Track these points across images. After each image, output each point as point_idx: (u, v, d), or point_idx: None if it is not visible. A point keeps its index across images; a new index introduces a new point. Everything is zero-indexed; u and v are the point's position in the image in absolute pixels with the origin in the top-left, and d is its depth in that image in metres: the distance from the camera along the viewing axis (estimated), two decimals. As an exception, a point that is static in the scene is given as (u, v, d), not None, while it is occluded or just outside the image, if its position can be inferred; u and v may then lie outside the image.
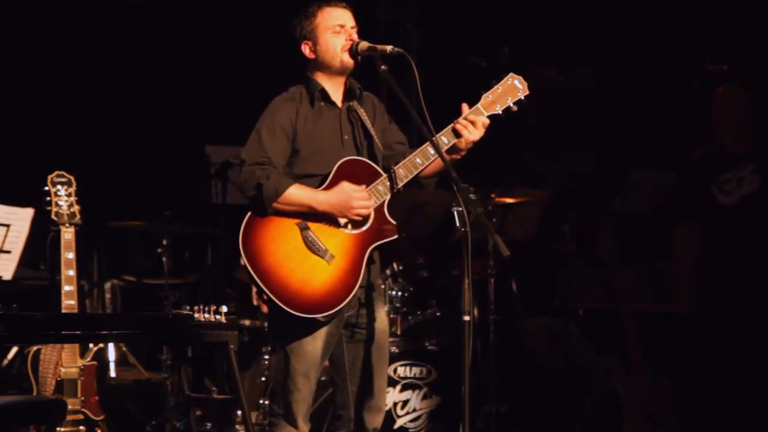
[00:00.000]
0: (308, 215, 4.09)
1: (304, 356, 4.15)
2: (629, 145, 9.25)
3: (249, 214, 4.11)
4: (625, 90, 9.68)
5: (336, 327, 4.20)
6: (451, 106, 4.27)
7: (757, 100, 5.46)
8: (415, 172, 4.18)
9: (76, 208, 4.89)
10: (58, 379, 4.77)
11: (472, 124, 4.15)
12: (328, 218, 4.12)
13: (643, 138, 9.30)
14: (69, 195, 4.89)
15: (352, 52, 4.20)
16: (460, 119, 4.17)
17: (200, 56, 8.24)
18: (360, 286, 4.15)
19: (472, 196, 3.89)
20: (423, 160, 4.17)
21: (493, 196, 6.42)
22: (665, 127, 9.20)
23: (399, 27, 9.34)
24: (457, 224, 3.90)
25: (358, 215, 4.10)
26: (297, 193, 4.07)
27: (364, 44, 4.19)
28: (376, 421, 4.31)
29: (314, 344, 4.15)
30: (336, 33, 4.20)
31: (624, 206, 7.49)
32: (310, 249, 4.09)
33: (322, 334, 4.16)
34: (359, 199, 4.09)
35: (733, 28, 8.81)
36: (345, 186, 4.10)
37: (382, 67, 4.15)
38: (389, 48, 4.14)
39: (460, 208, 3.88)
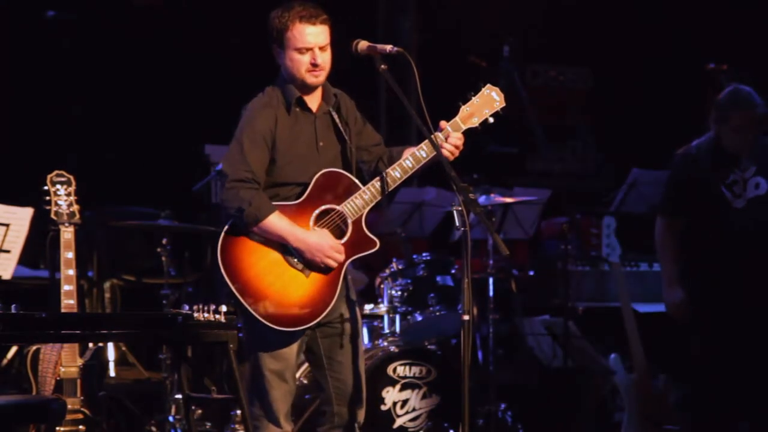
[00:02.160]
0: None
1: (278, 357, 4.16)
2: (629, 145, 9.26)
3: (227, 227, 4.10)
4: (625, 90, 9.69)
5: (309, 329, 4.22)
6: (451, 105, 4.27)
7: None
8: (393, 186, 4.17)
9: (75, 207, 4.88)
10: (58, 378, 4.76)
11: (456, 148, 4.17)
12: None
13: (643, 138, 9.31)
14: (68, 194, 4.87)
15: (351, 52, 4.20)
16: (446, 144, 4.14)
17: (200, 56, 8.24)
18: (338, 299, 4.16)
19: (471, 195, 3.89)
20: (401, 174, 4.17)
21: (492, 195, 6.41)
22: (665, 127, 9.21)
23: (399, 27, 9.35)
24: (457, 224, 3.90)
25: (325, 264, 4.09)
26: (276, 224, 4.06)
27: (363, 44, 4.18)
28: (358, 414, 4.31)
29: (290, 348, 4.17)
30: (302, 54, 4.15)
31: (624, 206, 7.49)
32: (289, 262, 4.10)
33: (296, 338, 4.19)
34: (333, 253, 4.09)
35: (733, 28, 8.82)
36: (326, 235, 4.11)
37: (382, 66, 4.14)
38: (389, 47, 4.13)
39: (460, 208, 3.88)
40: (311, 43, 4.13)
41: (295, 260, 4.10)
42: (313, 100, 4.25)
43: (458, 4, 9.16)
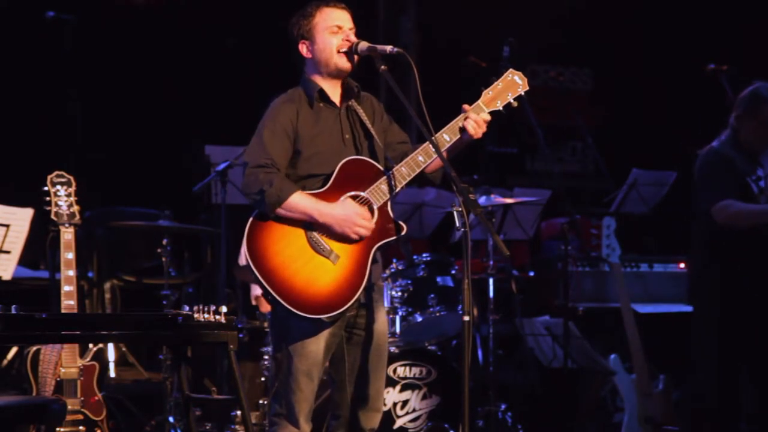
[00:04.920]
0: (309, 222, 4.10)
1: (307, 356, 4.14)
2: (629, 145, 9.26)
3: (254, 214, 4.10)
4: (625, 90, 9.70)
5: (338, 327, 4.20)
6: (451, 105, 4.27)
7: None
8: (418, 170, 4.17)
9: (75, 208, 4.88)
10: (58, 379, 4.76)
11: (478, 125, 4.15)
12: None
13: (643, 138, 9.32)
14: (68, 195, 4.88)
15: (351, 52, 4.19)
16: (469, 119, 4.15)
17: (200, 56, 8.24)
18: (363, 287, 4.14)
19: (471, 196, 3.89)
20: (425, 158, 4.17)
21: (492, 196, 6.41)
22: (665, 128, 9.21)
23: (399, 27, 9.36)
24: (457, 225, 3.90)
25: (357, 234, 4.09)
26: (300, 201, 4.06)
27: (363, 44, 4.19)
28: (372, 421, 4.31)
29: (317, 344, 4.15)
30: (333, 33, 4.20)
31: (624, 206, 7.49)
32: (315, 249, 4.08)
33: (325, 334, 4.16)
34: (362, 221, 4.08)
35: (733, 28, 8.82)
36: (349, 203, 4.10)
37: (382, 67, 4.14)
38: (389, 48, 4.13)
39: (460, 209, 3.88)
40: (342, 21, 4.20)
41: (322, 247, 4.08)
42: (336, 93, 4.26)
43: (458, 4, 9.16)
